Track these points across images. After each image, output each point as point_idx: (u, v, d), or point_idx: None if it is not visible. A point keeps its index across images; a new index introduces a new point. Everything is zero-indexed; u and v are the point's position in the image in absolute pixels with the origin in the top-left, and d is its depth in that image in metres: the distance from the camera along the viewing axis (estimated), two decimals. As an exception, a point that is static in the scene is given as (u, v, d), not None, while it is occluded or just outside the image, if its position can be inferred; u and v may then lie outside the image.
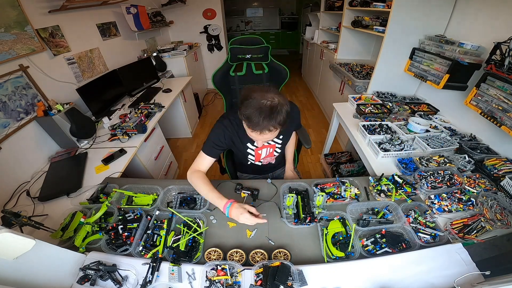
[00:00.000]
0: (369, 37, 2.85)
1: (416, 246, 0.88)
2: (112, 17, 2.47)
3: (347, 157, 2.37)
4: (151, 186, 1.16)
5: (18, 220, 0.87)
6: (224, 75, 1.60)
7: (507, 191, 1.06)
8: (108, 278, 0.78)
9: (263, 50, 1.54)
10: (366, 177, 1.22)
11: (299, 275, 0.77)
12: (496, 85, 1.20)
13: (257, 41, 1.53)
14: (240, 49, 1.52)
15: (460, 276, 0.76)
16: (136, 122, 1.73)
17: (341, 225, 0.94)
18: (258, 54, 1.54)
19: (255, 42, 1.53)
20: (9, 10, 1.37)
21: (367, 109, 1.77)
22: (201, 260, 0.87)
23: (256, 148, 1.19)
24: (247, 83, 1.66)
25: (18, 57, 1.42)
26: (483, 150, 1.33)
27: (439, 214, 1.01)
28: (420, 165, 1.23)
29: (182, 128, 3.08)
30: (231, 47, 1.51)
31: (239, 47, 1.51)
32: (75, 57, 1.92)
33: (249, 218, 0.88)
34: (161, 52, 3.25)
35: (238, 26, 7.77)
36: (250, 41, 1.53)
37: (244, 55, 1.54)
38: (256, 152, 1.21)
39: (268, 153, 1.25)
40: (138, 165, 1.74)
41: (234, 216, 0.91)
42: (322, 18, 3.75)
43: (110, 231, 0.94)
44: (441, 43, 1.63)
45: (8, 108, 1.35)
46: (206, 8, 4.02)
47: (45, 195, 1.20)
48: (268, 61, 1.58)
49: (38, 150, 1.50)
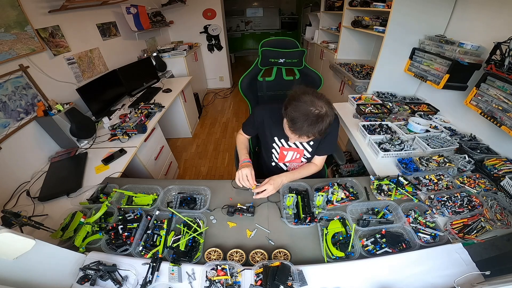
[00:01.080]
0: (369, 37, 2.85)
1: (416, 246, 0.87)
2: (112, 17, 2.47)
3: (347, 157, 2.37)
4: (151, 186, 1.16)
5: (18, 220, 0.87)
6: (252, 80, 1.48)
7: (507, 191, 1.06)
8: (108, 278, 0.78)
9: (298, 54, 1.39)
10: (366, 177, 1.22)
11: (299, 275, 0.77)
12: (496, 85, 1.20)
13: (291, 44, 1.39)
14: (274, 52, 1.38)
15: (460, 276, 0.76)
16: (136, 122, 1.73)
17: (341, 225, 0.94)
18: (292, 59, 1.40)
19: (289, 45, 1.39)
20: (9, 10, 1.37)
21: (367, 109, 1.77)
22: (201, 260, 0.87)
23: (282, 148, 1.19)
24: (276, 89, 1.53)
25: (18, 57, 1.42)
26: (483, 150, 1.33)
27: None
28: (420, 165, 1.23)
29: (182, 128, 3.08)
30: (262, 49, 1.37)
31: (273, 50, 1.37)
32: (75, 57, 1.92)
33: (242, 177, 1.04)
34: (161, 52, 3.25)
35: (238, 26, 7.77)
36: (284, 44, 1.39)
37: (277, 60, 1.39)
38: (281, 152, 1.21)
39: (294, 157, 1.23)
40: (138, 165, 1.74)
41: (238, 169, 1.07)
42: (322, 18, 3.75)
43: (110, 231, 0.94)
44: (441, 43, 1.63)
45: (8, 108, 1.35)
46: (206, 8, 4.02)
47: (45, 195, 1.20)
48: (302, 66, 1.45)
49: (38, 150, 1.51)
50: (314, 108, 0.86)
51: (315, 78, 1.47)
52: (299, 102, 0.88)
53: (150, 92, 2.46)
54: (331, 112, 0.89)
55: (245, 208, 1.04)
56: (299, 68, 1.47)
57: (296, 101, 0.88)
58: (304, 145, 1.19)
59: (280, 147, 1.20)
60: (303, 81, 1.51)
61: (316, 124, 0.86)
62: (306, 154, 1.22)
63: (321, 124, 0.87)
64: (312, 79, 1.47)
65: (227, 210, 1.04)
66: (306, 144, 1.19)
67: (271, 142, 1.21)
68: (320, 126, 0.87)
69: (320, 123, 0.86)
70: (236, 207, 1.05)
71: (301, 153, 1.21)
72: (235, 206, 1.05)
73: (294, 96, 0.91)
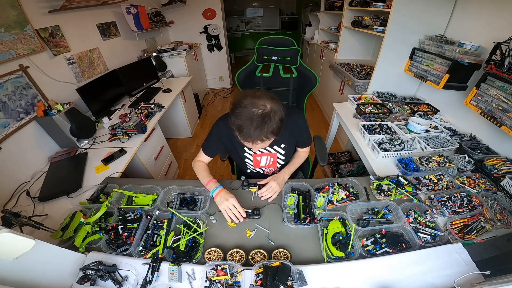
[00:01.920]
0: (369, 37, 2.85)
1: (416, 246, 0.87)
2: (112, 17, 2.47)
3: (347, 157, 2.37)
4: (151, 186, 1.16)
5: (18, 220, 0.87)
6: (250, 75, 1.54)
7: (507, 191, 1.06)
8: (108, 278, 0.78)
9: (292, 52, 1.43)
10: (366, 177, 1.22)
11: (299, 275, 0.77)
12: (496, 85, 1.20)
13: (286, 43, 1.44)
14: (267, 50, 1.44)
15: (460, 276, 0.76)
16: (136, 122, 1.73)
17: (341, 225, 0.94)
18: (285, 57, 1.45)
19: (284, 43, 1.44)
20: (9, 10, 1.37)
21: (367, 109, 1.77)
22: (201, 260, 0.87)
23: (254, 154, 1.14)
24: (273, 85, 1.58)
25: (18, 57, 1.42)
26: (483, 150, 1.33)
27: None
28: (420, 165, 1.23)
29: (182, 128, 3.08)
30: (257, 47, 1.44)
31: (266, 48, 1.44)
32: (75, 57, 1.92)
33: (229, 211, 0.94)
34: (161, 52, 3.25)
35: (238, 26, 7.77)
36: (279, 42, 1.44)
37: (270, 57, 1.45)
38: (254, 158, 1.16)
39: (269, 162, 1.19)
40: (138, 165, 1.74)
41: (218, 202, 0.98)
42: (322, 18, 3.75)
43: (110, 231, 0.94)
44: (441, 43, 1.63)
45: (8, 108, 1.35)
46: (206, 8, 4.02)
47: (45, 195, 1.20)
48: (297, 65, 1.48)
49: (38, 150, 1.50)
50: (257, 109, 0.80)
51: (310, 77, 1.49)
52: (240, 108, 0.82)
53: (150, 92, 2.45)
54: (277, 107, 0.83)
55: (250, 212, 1.00)
56: (296, 67, 1.50)
57: (238, 107, 0.83)
58: (275, 148, 1.14)
59: (253, 155, 1.15)
60: (299, 79, 1.54)
61: (264, 125, 0.79)
62: (280, 157, 1.17)
63: (269, 124, 0.80)
64: (308, 78, 1.50)
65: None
66: (277, 147, 1.14)
67: (242, 152, 1.15)
68: (270, 125, 0.80)
69: (268, 122, 0.80)
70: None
71: (274, 157, 1.16)
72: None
73: (234, 104, 0.85)
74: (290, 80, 1.55)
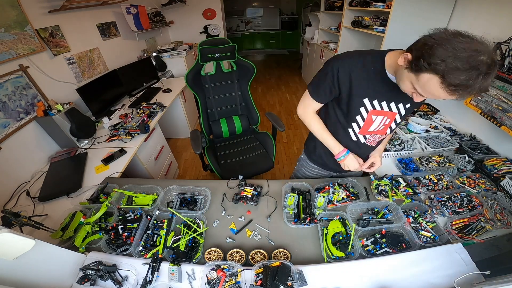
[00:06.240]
0: (369, 37, 2.85)
1: (416, 246, 0.87)
2: (112, 17, 2.47)
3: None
4: (151, 186, 1.16)
5: (18, 220, 0.87)
6: (196, 75, 1.72)
7: (507, 191, 1.06)
8: (108, 278, 0.78)
9: (230, 48, 1.69)
10: (366, 177, 1.22)
11: (299, 275, 0.77)
12: (496, 85, 1.20)
13: (223, 41, 1.69)
14: (209, 49, 1.64)
15: (460, 276, 0.76)
16: (139, 122, 1.73)
17: (341, 225, 0.94)
18: (226, 53, 1.69)
19: (221, 42, 1.69)
20: (9, 10, 1.37)
21: (367, 109, 1.77)
22: (201, 260, 0.87)
23: (372, 111, 0.87)
24: (218, 81, 1.81)
25: (18, 57, 1.42)
26: (483, 150, 1.33)
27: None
28: (420, 165, 1.23)
29: (182, 128, 3.08)
30: (200, 48, 1.62)
31: (208, 48, 1.64)
32: (75, 57, 1.92)
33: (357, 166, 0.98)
34: (161, 52, 3.24)
35: (238, 26, 7.77)
36: (217, 42, 1.68)
37: (213, 54, 1.67)
38: (369, 117, 0.89)
39: (381, 125, 0.93)
40: (138, 165, 1.74)
41: (347, 164, 0.98)
42: (322, 18, 3.75)
43: (110, 231, 0.94)
44: (441, 43, 1.63)
45: (8, 108, 1.35)
46: (206, 8, 4.02)
47: (45, 195, 1.20)
48: (235, 59, 1.74)
49: (38, 150, 1.50)
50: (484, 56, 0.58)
51: (248, 67, 1.77)
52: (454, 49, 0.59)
53: (150, 92, 2.45)
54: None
55: (249, 197, 1.07)
56: (234, 61, 1.76)
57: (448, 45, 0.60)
58: (400, 107, 0.88)
59: (369, 111, 0.87)
60: (239, 71, 1.82)
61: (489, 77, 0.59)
62: (397, 119, 0.93)
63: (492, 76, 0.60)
64: (246, 68, 1.78)
65: (233, 197, 1.08)
66: (401, 106, 0.88)
67: (358, 106, 0.87)
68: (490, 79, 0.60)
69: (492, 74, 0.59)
70: (241, 195, 1.08)
71: (392, 118, 0.91)
72: (239, 194, 1.09)
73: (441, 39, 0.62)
74: (233, 73, 1.83)
